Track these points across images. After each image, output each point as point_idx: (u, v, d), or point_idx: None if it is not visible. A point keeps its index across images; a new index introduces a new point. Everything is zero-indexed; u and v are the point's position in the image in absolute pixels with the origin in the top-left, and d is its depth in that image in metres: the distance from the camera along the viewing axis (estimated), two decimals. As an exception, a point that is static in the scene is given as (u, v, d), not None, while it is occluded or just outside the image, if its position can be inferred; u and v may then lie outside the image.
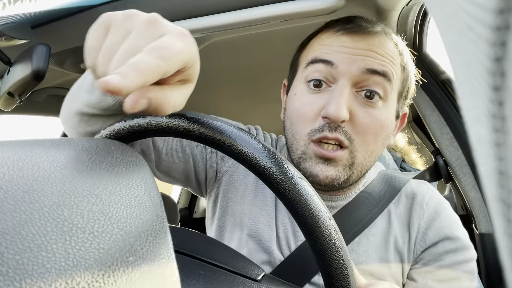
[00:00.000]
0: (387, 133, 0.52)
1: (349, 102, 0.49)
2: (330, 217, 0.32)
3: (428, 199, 0.58)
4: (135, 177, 0.22)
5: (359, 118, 0.49)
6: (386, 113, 0.51)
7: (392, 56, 0.51)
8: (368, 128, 0.50)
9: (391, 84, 0.50)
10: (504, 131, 0.09)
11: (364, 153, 0.51)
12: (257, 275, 0.40)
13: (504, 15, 0.08)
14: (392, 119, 0.52)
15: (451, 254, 0.54)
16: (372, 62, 0.49)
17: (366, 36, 0.50)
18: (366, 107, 0.50)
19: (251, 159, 0.32)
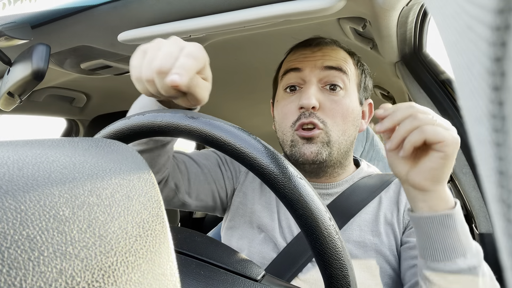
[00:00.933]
0: (353, 115, 0.65)
1: (317, 94, 0.63)
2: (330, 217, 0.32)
3: None
4: (135, 177, 0.22)
5: (327, 105, 0.63)
6: (348, 99, 0.65)
7: (344, 57, 0.67)
8: (335, 111, 0.63)
9: (348, 76, 0.65)
10: (504, 131, 0.09)
11: (338, 132, 0.64)
12: (257, 275, 0.40)
13: (504, 15, 0.08)
14: (355, 104, 0.66)
15: None
16: (328, 61, 0.65)
17: (321, 46, 0.67)
18: (331, 96, 0.64)
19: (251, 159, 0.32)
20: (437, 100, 0.82)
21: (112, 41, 0.74)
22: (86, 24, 0.71)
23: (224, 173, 0.74)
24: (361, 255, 0.60)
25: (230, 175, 0.75)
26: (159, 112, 0.36)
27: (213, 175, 0.72)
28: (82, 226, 0.17)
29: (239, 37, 0.84)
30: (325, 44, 0.68)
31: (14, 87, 0.68)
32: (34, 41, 0.66)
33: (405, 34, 0.75)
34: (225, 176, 0.74)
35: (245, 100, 1.54)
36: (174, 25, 0.65)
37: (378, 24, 0.67)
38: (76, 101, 1.39)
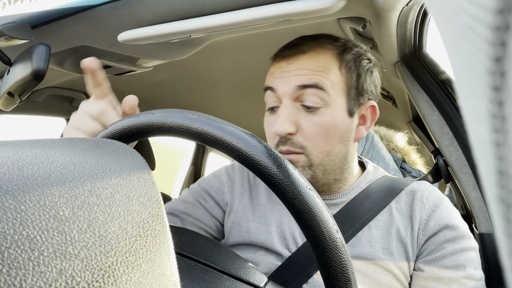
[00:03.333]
0: (339, 132, 0.59)
1: (293, 116, 0.58)
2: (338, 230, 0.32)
3: (427, 194, 0.62)
4: (135, 177, 0.22)
5: (305, 128, 0.58)
6: (330, 116, 0.58)
7: (323, 66, 0.59)
8: (315, 134, 0.58)
9: (326, 92, 0.58)
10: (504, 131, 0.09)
11: (320, 154, 0.59)
12: (260, 281, 0.40)
13: (504, 15, 0.08)
14: (340, 119, 0.59)
15: (452, 242, 0.57)
16: (302, 78, 0.58)
17: (297, 57, 0.60)
18: (310, 116, 0.58)
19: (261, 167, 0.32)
20: (437, 100, 0.82)
21: (112, 41, 0.74)
22: (86, 24, 0.71)
23: (206, 206, 0.71)
24: (371, 272, 0.57)
25: (213, 204, 0.71)
26: (169, 112, 0.35)
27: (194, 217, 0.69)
28: (82, 226, 0.17)
29: (239, 37, 0.84)
30: (303, 52, 0.60)
31: (14, 87, 0.68)
32: (34, 41, 0.66)
33: (405, 34, 0.75)
34: (209, 208, 0.71)
35: (245, 100, 1.54)
36: (174, 25, 0.65)
37: (378, 24, 0.67)
38: (76, 101, 1.39)
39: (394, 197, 0.63)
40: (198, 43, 0.82)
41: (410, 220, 0.60)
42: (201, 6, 0.63)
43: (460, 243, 0.57)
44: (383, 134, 1.21)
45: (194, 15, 0.65)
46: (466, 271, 0.55)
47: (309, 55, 0.59)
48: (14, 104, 0.75)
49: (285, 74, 0.59)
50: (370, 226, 0.61)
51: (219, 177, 0.74)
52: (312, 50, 0.60)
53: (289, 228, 0.63)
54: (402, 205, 0.62)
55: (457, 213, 0.61)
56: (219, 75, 1.28)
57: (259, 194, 0.70)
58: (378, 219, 0.61)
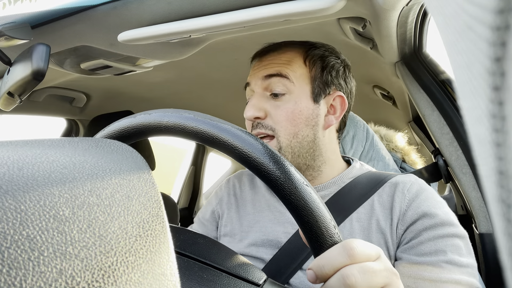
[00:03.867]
0: (303, 116, 0.65)
1: (261, 103, 0.66)
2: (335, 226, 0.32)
3: (409, 186, 0.63)
4: (135, 177, 0.22)
5: (272, 112, 0.65)
6: (294, 102, 0.65)
7: (287, 60, 0.67)
8: (280, 116, 0.64)
9: (289, 80, 0.65)
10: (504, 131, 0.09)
11: (287, 136, 0.64)
12: (259, 279, 0.40)
13: (504, 15, 0.08)
14: (304, 104, 0.65)
15: (430, 230, 0.56)
16: (268, 69, 0.66)
17: (269, 54, 0.69)
18: (277, 102, 0.65)
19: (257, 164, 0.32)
20: (437, 100, 0.82)
21: (112, 41, 0.74)
22: (86, 24, 0.71)
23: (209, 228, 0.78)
24: None
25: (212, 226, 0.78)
26: (166, 112, 0.36)
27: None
28: (82, 226, 0.17)
29: (239, 37, 0.84)
30: (273, 51, 0.69)
31: (14, 87, 0.68)
32: (34, 41, 0.66)
33: (405, 34, 0.75)
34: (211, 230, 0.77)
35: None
36: (174, 25, 0.65)
37: (378, 24, 0.67)
38: (76, 101, 1.39)
39: (377, 190, 0.64)
40: (198, 43, 0.82)
41: (390, 212, 0.61)
42: (201, 6, 0.63)
43: (438, 230, 0.56)
44: (383, 134, 1.21)
45: (194, 15, 0.65)
46: (447, 256, 0.54)
47: (278, 52, 0.68)
48: (14, 104, 0.75)
49: (256, 69, 0.68)
50: (352, 219, 0.62)
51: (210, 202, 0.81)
52: (280, 49, 0.69)
53: (273, 230, 0.67)
54: (384, 197, 0.63)
55: (439, 202, 0.60)
56: (219, 75, 1.28)
57: (245, 205, 0.74)
58: (359, 212, 0.63)
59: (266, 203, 0.72)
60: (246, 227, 0.70)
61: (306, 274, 0.33)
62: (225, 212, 0.76)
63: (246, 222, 0.71)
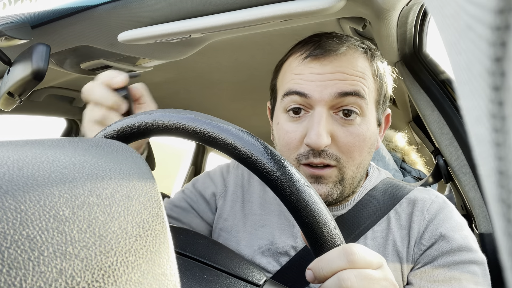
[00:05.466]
0: (371, 143, 0.55)
1: (328, 126, 0.52)
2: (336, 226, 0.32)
3: (429, 205, 0.58)
4: (135, 177, 0.22)
5: (341, 139, 0.52)
6: (366, 126, 0.53)
7: (362, 71, 0.53)
8: (351, 145, 0.53)
9: (365, 100, 0.53)
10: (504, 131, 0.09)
11: (353, 167, 0.54)
12: (259, 280, 0.40)
13: (504, 15, 0.08)
14: (373, 129, 0.55)
15: (447, 255, 0.53)
16: (342, 84, 0.51)
17: (333, 58, 0.53)
18: (346, 126, 0.53)
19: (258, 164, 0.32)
20: (437, 100, 0.82)
21: (112, 41, 0.74)
22: (86, 24, 0.71)
23: (198, 210, 0.69)
24: None
25: (205, 207, 0.69)
26: (166, 112, 0.36)
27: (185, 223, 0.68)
28: (82, 226, 0.17)
29: (239, 37, 0.84)
30: (340, 55, 0.53)
31: (14, 87, 0.68)
32: (34, 41, 0.66)
33: (405, 34, 0.75)
34: (200, 212, 0.69)
35: (245, 100, 1.54)
36: (174, 25, 0.65)
37: (378, 24, 0.67)
38: (76, 101, 1.39)
39: (394, 206, 0.59)
40: (198, 43, 0.82)
41: (408, 232, 0.56)
42: (201, 6, 0.63)
43: (455, 256, 0.52)
44: (383, 134, 1.20)
45: (194, 15, 0.65)
46: (462, 284, 0.50)
47: (346, 56, 0.53)
48: (14, 104, 0.75)
49: (320, 77, 0.52)
50: (366, 237, 0.57)
51: (213, 179, 0.71)
52: (348, 51, 0.54)
53: (282, 242, 0.61)
54: (402, 215, 0.58)
55: (458, 224, 0.56)
56: (219, 75, 1.28)
57: (252, 202, 0.67)
58: (375, 230, 0.58)
59: (276, 208, 0.64)
60: (250, 228, 0.64)
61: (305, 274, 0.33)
62: (229, 205, 0.67)
63: (251, 222, 0.64)
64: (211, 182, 0.71)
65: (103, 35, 0.74)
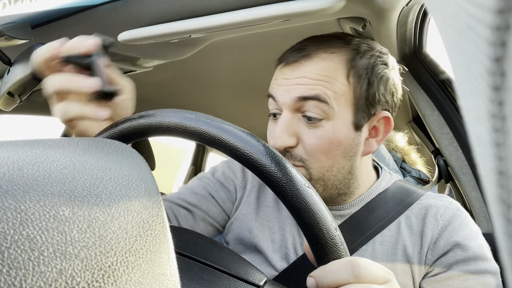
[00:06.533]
0: (342, 147, 0.54)
1: (293, 128, 0.54)
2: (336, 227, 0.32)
3: (443, 211, 0.57)
4: (135, 177, 0.22)
5: (305, 141, 0.54)
6: (332, 129, 0.53)
7: (327, 75, 0.53)
8: (315, 147, 0.53)
9: (328, 105, 0.52)
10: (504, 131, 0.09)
11: (320, 169, 0.55)
12: (259, 280, 0.40)
13: (504, 15, 0.08)
14: (344, 133, 0.54)
15: (462, 264, 0.52)
16: (303, 89, 0.53)
17: (301, 63, 0.54)
18: (312, 129, 0.54)
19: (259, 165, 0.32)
20: (437, 100, 0.82)
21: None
22: (86, 24, 0.71)
23: (218, 199, 0.68)
24: None
25: (225, 197, 0.69)
26: (167, 112, 0.36)
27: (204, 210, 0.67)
28: (82, 226, 0.17)
29: (239, 37, 0.84)
30: (307, 58, 0.54)
31: (14, 87, 0.68)
32: (34, 41, 0.66)
33: (405, 34, 0.75)
34: (220, 201, 0.68)
35: (246, 100, 1.54)
36: (174, 25, 0.65)
37: (378, 24, 0.67)
38: (76, 101, 1.39)
39: (405, 211, 0.58)
40: (198, 43, 0.82)
41: (420, 237, 0.55)
42: (201, 6, 0.63)
43: (470, 265, 0.51)
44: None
45: (194, 15, 0.65)
46: None
47: (314, 61, 0.54)
48: (14, 104, 0.75)
49: (287, 82, 0.55)
50: (375, 241, 0.56)
51: (234, 170, 0.71)
52: (317, 55, 0.54)
53: (292, 237, 0.61)
54: (413, 220, 0.57)
55: (473, 232, 0.55)
56: (219, 75, 1.28)
57: (266, 194, 0.67)
58: (384, 234, 0.57)
59: None
60: (262, 219, 0.64)
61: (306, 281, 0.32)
62: (246, 195, 0.68)
63: (263, 213, 0.65)
64: (232, 172, 0.71)
65: (103, 35, 0.74)
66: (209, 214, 0.67)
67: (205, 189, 0.69)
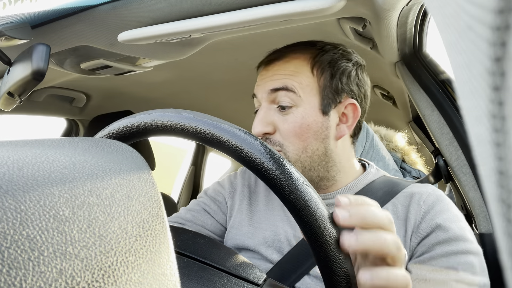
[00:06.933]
0: (312, 130, 0.62)
1: (270, 118, 0.63)
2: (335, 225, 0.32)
3: (426, 197, 0.60)
4: (135, 177, 0.22)
5: (280, 127, 0.63)
6: (301, 115, 0.62)
7: (293, 70, 0.63)
8: (288, 131, 0.62)
9: (295, 93, 0.62)
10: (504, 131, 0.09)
11: (296, 151, 0.62)
12: (258, 279, 0.40)
13: (504, 15, 0.08)
14: (312, 118, 0.62)
15: (444, 245, 0.54)
16: (274, 82, 0.63)
17: (274, 63, 0.66)
18: (284, 116, 0.63)
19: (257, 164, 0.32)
20: (437, 100, 0.82)
21: (112, 41, 0.74)
22: (86, 24, 0.71)
23: (210, 211, 0.74)
24: None
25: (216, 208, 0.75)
26: (165, 112, 0.36)
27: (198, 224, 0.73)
28: (82, 226, 0.17)
29: (239, 37, 0.84)
30: (278, 59, 0.65)
31: (14, 87, 0.68)
32: (34, 41, 0.66)
33: (405, 34, 0.75)
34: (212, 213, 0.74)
35: (245, 100, 1.54)
36: (174, 25, 0.65)
37: (378, 24, 0.67)
38: (76, 101, 1.39)
39: (391, 199, 0.62)
40: (198, 43, 0.82)
41: (404, 223, 0.59)
42: (201, 6, 0.63)
43: (452, 245, 0.54)
44: (383, 134, 1.21)
45: (194, 15, 0.65)
46: (459, 274, 0.52)
47: (283, 61, 0.65)
48: (14, 104, 0.75)
49: (263, 80, 0.66)
50: None
51: (222, 184, 0.79)
52: (285, 56, 0.65)
53: (284, 231, 0.65)
54: (399, 208, 0.61)
55: (454, 216, 0.58)
56: (219, 75, 1.28)
57: (258, 200, 0.72)
58: None
59: (279, 202, 0.69)
60: (256, 222, 0.69)
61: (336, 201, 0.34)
62: (237, 203, 0.73)
63: (256, 217, 0.70)
64: (220, 187, 0.78)
65: (103, 35, 0.74)
66: (204, 227, 0.73)
67: (198, 205, 0.76)
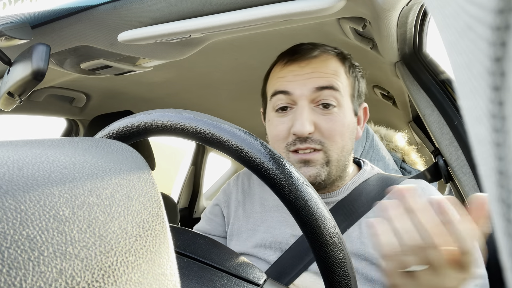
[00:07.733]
0: (350, 129, 0.64)
1: (310, 116, 0.61)
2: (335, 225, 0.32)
3: (420, 192, 0.62)
4: (135, 177, 0.22)
5: (323, 126, 0.62)
6: (342, 115, 0.63)
7: (334, 70, 0.64)
8: (332, 130, 0.62)
9: (340, 93, 0.63)
10: (504, 131, 0.09)
11: (337, 150, 0.63)
12: (259, 279, 0.40)
13: (504, 15, 0.08)
14: (350, 118, 0.65)
15: None
16: (318, 80, 0.62)
17: (309, 61, 0.64)
18: (326, 115, 0.62)
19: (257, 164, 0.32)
20: (437, 100, 0.82)
21: (112, 41, 0.74)
22: (86, 24, 0.71)
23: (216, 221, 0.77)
24: (363, 268, 0.59)
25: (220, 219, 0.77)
26: (165, 112, 0.36)
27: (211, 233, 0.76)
28: (82, 226, 0.17)
29: (239, 37, 0.84)
30: (314, 57, 0.64)
31: (14, 87, 0.68)
32: (34, 41, 0.66)
33: (405, 34, 0.75)
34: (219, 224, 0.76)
35: (245, 100, 1.54)
36: (174, 25, 0.65)
37: (378, 24, 0.67)
38: (76, 101, 1.39)
39: (386, 195, 0.64)
40: (198, 43, 0.82)
41: None
42: (201, 6, 0.63)
43: None
44: (383, 134, 1.21)
45: (194, 15, 0.65)
46: None
47: (320, 59, 0.64)
48: (14, 104, 0.75)
49: (300, 76, 0.63)
50: (361, 224, 0.62)
51: (219, 196, 0.81)
52: (321, 55, 0.65)
53: (282, 232, 0.66)
54: None
55: None
56: (219, 75, 1.28)
57: (253, 203, 0.73)
58: (369, 216, 0.63)
59: (274, 203, 0.70)
60: (253, 225, 0.70)
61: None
62: (233, 210, 0.74)
63: (253, 220, 0.70)
64: (216, 200, 0.81)
65: (103, 35, 0.74)
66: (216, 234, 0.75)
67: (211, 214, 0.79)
